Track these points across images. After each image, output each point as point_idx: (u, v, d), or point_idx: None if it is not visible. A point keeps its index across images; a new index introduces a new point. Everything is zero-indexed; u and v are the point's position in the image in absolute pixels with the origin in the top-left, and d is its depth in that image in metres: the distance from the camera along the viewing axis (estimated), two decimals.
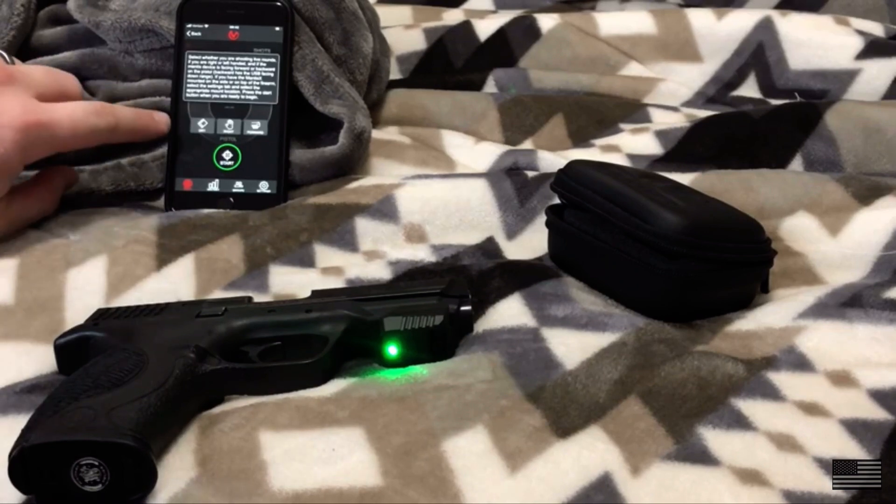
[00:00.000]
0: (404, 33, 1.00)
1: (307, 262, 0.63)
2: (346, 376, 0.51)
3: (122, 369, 0.47)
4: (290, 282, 0.61)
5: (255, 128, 0.71)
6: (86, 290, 0.59)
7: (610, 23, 0.98)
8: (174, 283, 0.60)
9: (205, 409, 0.48)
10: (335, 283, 0.61)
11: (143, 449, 0.42)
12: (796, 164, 0.76)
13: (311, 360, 0.50)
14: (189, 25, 0.72)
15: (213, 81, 0.72)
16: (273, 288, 0.61)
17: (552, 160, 0.74)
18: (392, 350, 0.52)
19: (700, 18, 0.96)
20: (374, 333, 0.52)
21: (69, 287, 0.59)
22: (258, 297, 0.59)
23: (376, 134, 0.78)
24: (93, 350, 0.51)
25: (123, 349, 0.49)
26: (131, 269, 0.60)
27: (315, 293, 0.57)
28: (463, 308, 0.54)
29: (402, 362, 0.52)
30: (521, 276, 0.59)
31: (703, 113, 0.85)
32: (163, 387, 0.46)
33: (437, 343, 0.52)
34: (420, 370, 0.51)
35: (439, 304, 0.53)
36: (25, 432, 0.43)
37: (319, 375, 0.50)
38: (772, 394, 0.49)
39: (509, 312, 0.56)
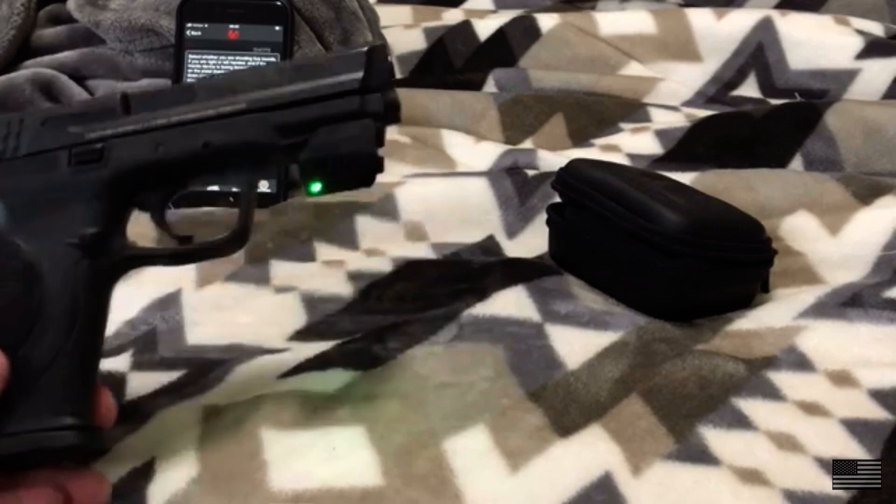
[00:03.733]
0: (404, 33, 1.00)
1: (307, 259, 0.63)
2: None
3: (16, 314, 0.38)
4: (291, 274, 0.61)
5: None
6: None
7: (610, 22, 0.98)
8: (174, 273, 0.59)
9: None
10: (337, 275, 0.60)
11: (93, 443, 0.38)
12: (796, 163, 0.76)
13: (230, 240, 0.44)
14: (189, 25, 0.72)
15: None
16: (274, 279, 0.61)
17: (552, 160, 0.74)
18: (315, 187, 0.44)
19: (700, 18, 0.96)
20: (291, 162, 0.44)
21: None
22: (259, 288, 0.59)
23: None
24: None
25: (6, 271, 0.40)
26: None
27: (201, 86, 0.45)
28: (390, 102, 0.44)
29: (327, 191, 0.45)
30: (522, 271, 0.59)
31: (703, 113, 0.85)
32: (75, 328, 0.38)
33: (365, 166, 0.44)
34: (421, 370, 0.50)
35: (365, 126, 0.43)
36: None
37: (242, 244, 0.45)
38: (772, 393, 0.49)
39: (515, 303, 0.56)
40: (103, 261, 0.41)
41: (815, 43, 0.92)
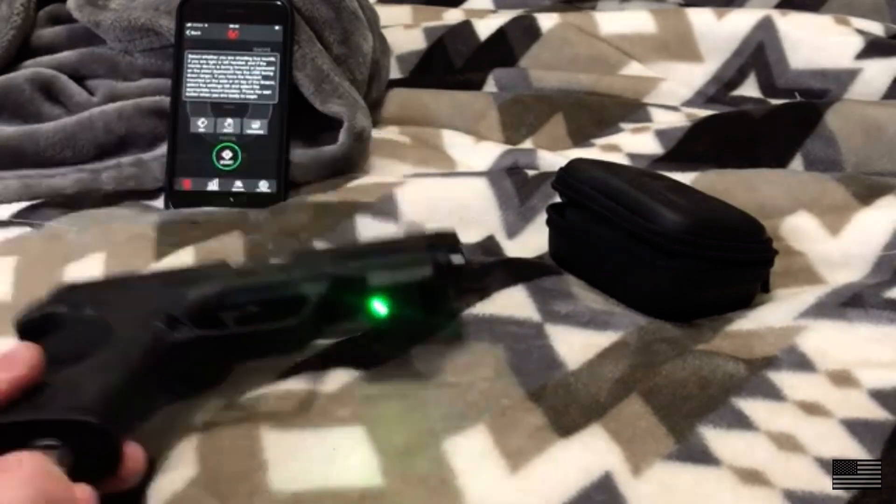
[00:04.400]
0: (404, 33, 1.00)
1: None
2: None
3: (85, 341, 0.43)
4: None
5: (255, 127, 0.71)
6: None
7: (610, 22, 0.98)
8: None
9: (184, 386, 0.46)
10: None
11: (104, 426, 0.39)
12: (796, 163, 0.76)
13: (292, 324, 0.46)
14: (189, 24, 0.72)
15: (213, 81, 0.72)
16: None
17: (552, 159, 0.74)
18: (379, 307, 0.48)
19: (700, 18, 0.96)
20: (359, 290, 0.48)
21: (67, 281, 0.58)
22: None
23: (376, 133, 0.78)
24: (57, 326, 0.47)
25: (87, 320, 0.45)
26: (130, 262, 0.60)
27: (293, 253, 0.52)
28: (454, 257, 0.50)
29: (392, 320, 0.48)
30: (522, 271, 0.59)
31: (704, 112, 0.85)
32: (130, 358, 0.42)
33: (428, 298, 0.48)
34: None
35: (427, 256, 0.49)
36: None
37: (301, 339, 0.47)
38: (772, 393, 0.49)
39: (515, 301, 0.56)
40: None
41: (816, 43, 0.92)
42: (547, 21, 0.97)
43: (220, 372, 0.49)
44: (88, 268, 0.59)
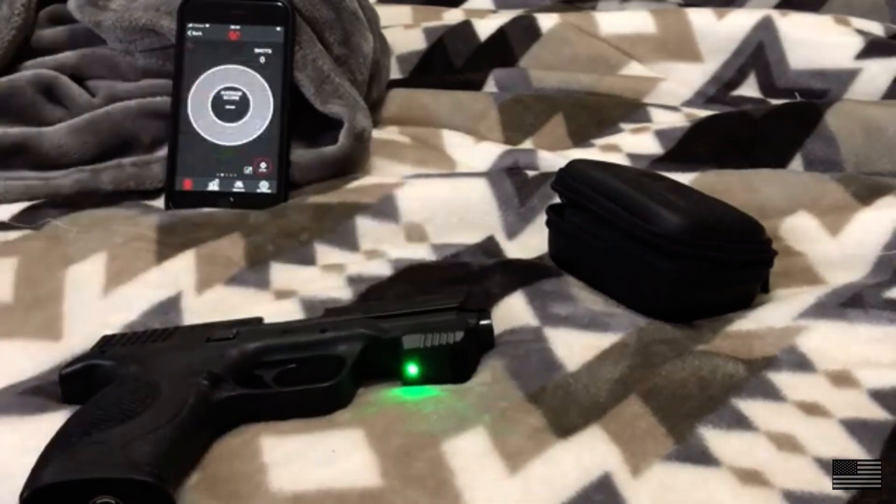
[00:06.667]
0: (404, 33, 1.00)
1: (308, 260, 0.63)
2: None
3: (133, 400, 0.45)
4: (291, 278, 0.61)
5: (256, 127, 0.71)
6: (84, 284, 0.59)
7: (610, 22, 0.98)
8: (174, 275, 0.60)
9: (219, 436, 0.47)
10: (336, 279, 0.61)
11: (160, 485, 0.41)
12: (796, 163, 0.76)
13: (330, 384, 0.48)
14: (190, 25, 0.72)
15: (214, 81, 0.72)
16: (274, 284, 0.61)
17: (552, 160, 0.74)
18: (412, 369, 0.50)
19: (700, 18, 0.96)
20: (393, 352, 0.50)
21: (68, 283, 0.59)
22: (260, 293, 0.59)
23: (376, 134, 0.78)
24: (100, 379, 0.49)
25: (134, 378, 0.47)
26: (131, 264, 0.60)
27: (329, 311, 0.55)
28: (483, 322, 0.52)
29: (422, 380, 0.50)
30: (522, 274, 0.59)
31: (704, 112, 0.85)
32: (177, 417, 0.44)
33: (458, 360, 0.51)
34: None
35: (459, 320, 0.51)
36: (37, 470, 0.41)
37: (338, 398, 0.48)
38: (772, 394, 0.49)
39: (512, 311, 0.56)
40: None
41: (816, 43, 0.92)
42: (547, 21, 0.97)
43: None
44: (89, 269, 0.59)
